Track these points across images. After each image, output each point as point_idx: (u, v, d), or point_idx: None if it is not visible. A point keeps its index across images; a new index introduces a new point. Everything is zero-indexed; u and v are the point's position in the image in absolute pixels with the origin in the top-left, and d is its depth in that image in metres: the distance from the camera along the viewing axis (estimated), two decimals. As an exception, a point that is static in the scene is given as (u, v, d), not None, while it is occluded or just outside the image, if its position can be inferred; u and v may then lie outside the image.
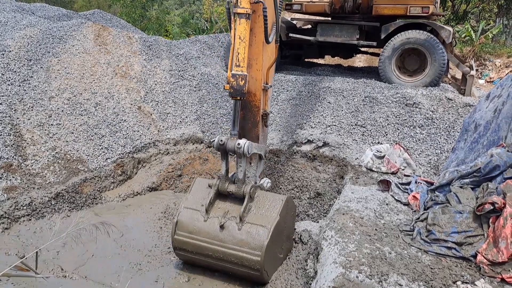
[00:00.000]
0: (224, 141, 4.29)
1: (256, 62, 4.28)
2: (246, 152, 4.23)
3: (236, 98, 4.20)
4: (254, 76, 4.33)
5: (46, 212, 5.80)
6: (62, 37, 8.68)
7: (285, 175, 7.00)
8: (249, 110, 4.50)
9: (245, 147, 4.21)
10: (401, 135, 7.26)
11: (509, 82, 5.15)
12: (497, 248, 4.00)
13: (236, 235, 4.39)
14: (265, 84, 4.49)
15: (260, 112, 4.52)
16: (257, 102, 4.45)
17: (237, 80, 4.04)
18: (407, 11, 8.85)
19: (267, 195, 4.61)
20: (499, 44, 19.90)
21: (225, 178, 4.55)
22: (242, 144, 4.21)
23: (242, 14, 3.90)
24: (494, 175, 4.66)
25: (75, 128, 7.16)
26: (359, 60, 15.86)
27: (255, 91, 4.40)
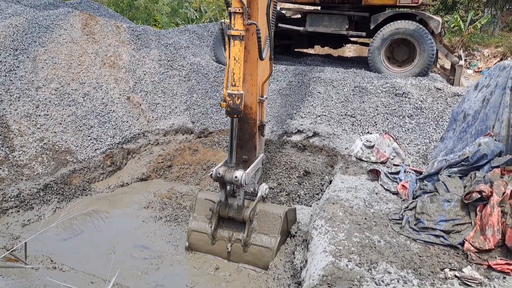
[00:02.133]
0: (222, 174, 4.47)
1: (251, 78, 4.39)
2: (244, 184, 4.41)
3: (233, 116, 4.29)
4: (250, 91, 4.45)
5: (35, 203, 5.75)
6: (49, 26, 8.54)
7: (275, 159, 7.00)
8: (246, 123, 4.62)
9: (242, 179, 4.39)
10: (391, 125, 7.31)
11: (497, 72, 5.20)
12: (484, 235, 4.06)
13: (243, 256, 4.84)
14: (260, 97, 4.60)
15: (256, 124, 4.64)
16: (254, 114, 4.58)
17: (233, 99, 4.12)
18: (397, 1, 8.86)
19: (267, 212, 4.83)
20: (487, 34, 20.03)
21: (224, 204, 4.78)
22: (239, 176, 4.39)
23: (236, 36, 3.97)
24: (482, 164, 4.72)
25: (63, 119, 7.08)
26: (349, 50, 15.86)
27: (251, 104, 4.52)
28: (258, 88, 4.49)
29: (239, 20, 3.94)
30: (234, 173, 4.42)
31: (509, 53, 16.56)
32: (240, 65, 4.06)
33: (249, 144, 4.71)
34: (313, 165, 6.74)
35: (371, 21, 9.12)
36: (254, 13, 4.09)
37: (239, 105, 4.15)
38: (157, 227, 5.62)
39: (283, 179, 6.51)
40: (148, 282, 4.58)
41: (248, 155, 4.76)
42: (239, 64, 4.04)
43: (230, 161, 4.56)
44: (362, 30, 9.50)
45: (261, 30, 4.08)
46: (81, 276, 4.42)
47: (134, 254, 5.02)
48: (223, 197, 4.75)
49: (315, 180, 6.46)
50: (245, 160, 4.78)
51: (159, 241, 5.30)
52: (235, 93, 4.09)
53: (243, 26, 3.98)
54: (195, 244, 5.02)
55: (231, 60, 4.06)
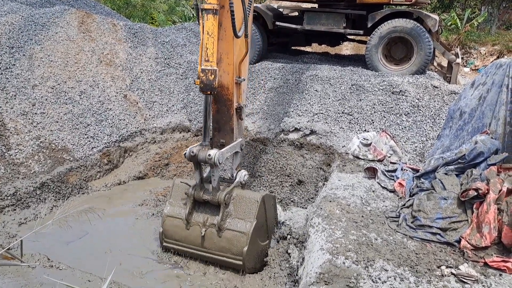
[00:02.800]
0: (196, 153, 4.37)
1: (227, 56, 4.32)
2: (217, 163, 4.31)
3: (206, 92, 4.22)
4: (226, 70, 4.37)
5: (31, 202, 5.73)
6: (45, 24, 8.50)
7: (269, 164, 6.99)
8: (223, 104, 4.53)
9: (215, 157, 4.28)
10: (388, 123, 7.32)
11: (494, 70, 5.21)
12: (480, 233, 4.07)
13: (217, 242, 4.63)
14: (237, 78, 4.51)
15: (233, 106, 4.55)
16: (230, 95, 4.49)
17: (206, 75, 4.06)
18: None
19: (243, 197, 4.69)
20: (484, 32, 20.06)
21: (199, 186, 4.66)
22: (213, 155, 4.28)
23: (209, 9, 3.93)
24: (478, 161, 4.74)
25: (59, 117, 7.06)
26: (346, 48, 15.86)
27: (227, 84, 4.43)
28: (235, 68, 4.40)
29: None
30: (207, 152, 4.31)
31: (506, 51, 16.60)
32: (214, 40, 3.98)
33: (226, 127, 4.60)
34: (308, 171, 6.69)
35: (368, 19, 9.11)
36: None
37: (213, 81, 4.08)
38: (156, 224, 5.62)
39: (275, 187, 6.49)
40: (144, 280, 4.58)
41: (225, 138, 4.66)
42: (213, 39, 3.97)
43: (204, 139, 4.48)
44: (360, 28, 9.49)
45: (235, 5, 4.00)
46: (78, 274, 4.41)
47: (132, 252, 5.01)
48: (197, 179, 4.61)
49: (309, 187, 6.47)
50: (222, 144, 4.66)
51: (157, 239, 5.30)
52: (208, 69, 4.03)
53: (216, 0, 3.92)
54: (170, 231, 4.84)
55: (204, 35, 3.98)
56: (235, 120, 4.62)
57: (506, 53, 16.44)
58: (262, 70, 9.31)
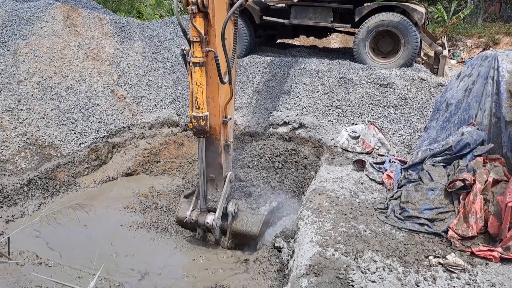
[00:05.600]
0: (195, 219, 4.94)
1: (213, 100, 4.57)
2: (215, 227, 4.87)
3: (199, 136, 4.53)
4: (213, 112, 4.60)
5: (19, 199, 5.66)
6: (29, 19, 8.36)
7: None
8: (211, 143, 4.80)
9: (213, 224, 4.85)
10: (376, 116, 7.36)
11: (479, 62, 5.26)
12: (467, 223, 4.14)
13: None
14: (224, 118, 4.78)
15: (221, 144, 4.82)
16: (218, 135, 4.76)
17: (198, 121, 4.36)
18: None
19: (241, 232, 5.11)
20: (470, 24, 20.23)
21: (203, 236, 5.23)
22: (210, 222, 4.84)
23: (196, 63, 4.15)
24: (465, 152, 4.80)
25: (46, 113, 6.97)
26: (334, 41, 15.90)
27: (214, 125, 4.69)
28: (221, 110, 4.67)
29: (197, 48, 4.11)
30: (206, 219, 4.88)
31: (492, 43, 16.79)
32: (203, 89, 4.25)
33: (215, 163, 4.91)
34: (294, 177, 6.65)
35: (355, 13, 9.13)
36: (212, 39, 4.22)
37: (204, 126, 4.39)
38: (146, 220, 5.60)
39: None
40: (134, 275, 4.58)
41: (215, 173, 4.96)
42: (201, 89, 4.24)
43: (203, 204, 4.95)
44: (347, 22, 9.50)
45: (220, 58, 4.23)
46: (67, 271, 4.38)
47: (120, 249, 5.00)
48: (201, 232, 5.17)
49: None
50: (212, 179, 4.99)
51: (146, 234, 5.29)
52: (199, 115, 4.32)
53: (202, 53, 4.15)
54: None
55: (193, 85, 4.26)
56: (223, 156, 4.89)
57: (492, 45, 16.63)
58: (250, 64, 9.29)
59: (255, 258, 4.87)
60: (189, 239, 5.29)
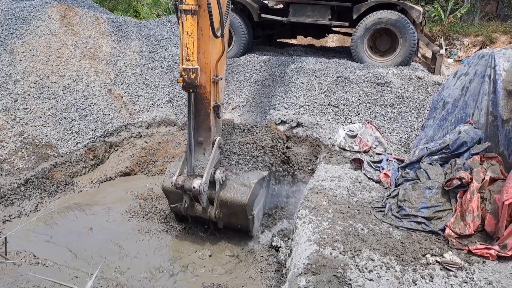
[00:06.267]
0: (181, 184, 4.64)
1: (204, 56, 4.40)
2: (202, 192, 4.57)
3: (188, 90, 4.34)
4: (203, 69, 4.44)
5: (16, 199, 5.65)
6: (26, 18, 8.34)
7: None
8: (200, 103, 4.60)
9: (200, 188, 4.54)
10: (373, 114, 7.37)
11: (476, 60, 5.27)
12: (464, 221, 4.14)
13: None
14: (214, 77, 4.59)
15: (211, 104, 4.62)
16: (207, 94, 4.57)
17: (188, 74, 4.19)
18: None
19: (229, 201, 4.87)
20: (467, 23, 20.26)
21: (190, 204, 4.90)
22: (197, 186, 4.53)
23: (187, 10, 4.02)
24: (462, 151, 4.81)
25: (43, 113, 6.95)
26: (332, 40, 15.90)
27: (204, 83, 4.51)
28: (212, 67, 4.49)
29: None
30: (192, 183, 4.57)
31: (489, 42, 16.80)
32: (194, 40, 4.10)
33: (204, 126, 4.69)
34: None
35: (353, 11, 9.14)
36: None
37: (194, 80, 4.21)
38: (140, 222, 5.59)
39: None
40: (133, 275, 4.57)
41: (203, 136, 4.75)
42: (193, 39, 4.10)
43: (189, 169, 4.71)
44: (345, 20, 9.52)
45: (212, 6, 4.09)
46: (65, 271, 4.37)
47: (117, 249, 4.99)
48: (188, 200, 4.87)
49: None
50: (200, 142, 4.76)
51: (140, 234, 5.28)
52: (190, 68, 4.15)
53: (194, 1, 4.02)
54: (184, 220, 5.43)
55: (184, 35, 4.11)
56: (212, 118, 4.69)
57: (489, 44, 16.65)
58: (248, 63, 9.28)
59: (253, 258, 4.87)
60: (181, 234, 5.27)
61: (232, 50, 9.96)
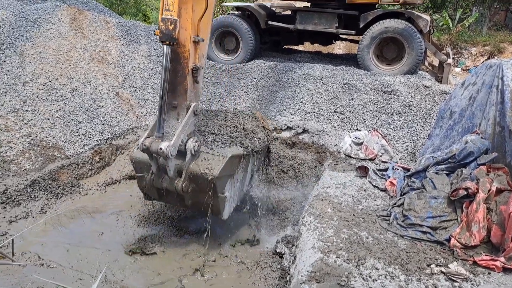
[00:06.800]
0: (148, 146, 4.30)
1: (186, 12, 4.22)
2: (169, 155, 4.23)
3: (165, 43, 4.13)
4: (184, 26, 4.25)
5: (22, 200, 5.68)
6: (36, 21, 8.43)
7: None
8: (177, 63, 4.38)
9: (167, 151, 4.19)
10: (379, 122, 7.37)
11: (484, 70, 5.26)
12: (470, 232, 4.12)
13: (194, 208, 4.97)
14: (196, 36, 4.38)
15: (189, 65, 4.37)
16: (186, 53, 4.34)
17: (166, 24, 4.02)
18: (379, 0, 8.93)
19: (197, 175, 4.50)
20: (475, 33, 20.24)
21: (157, 175, 4.57)
22: (164, 148, 4.19)
23: None
24: (468, 161, 4.79)
25: (51, 114, 7.01)
26: (339, 47, 15.93)
27: (184, 41, 4.31)
28: (194, 25, 4.31)
29: None
30: (160, 145, 4.22)
31: (497, 51, 16.78)
32: None
33: (180, 88, 4.42)
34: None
35: (360, 19, 9.17)
36: None
37: (172, 32, 4.03)
38: (147, 226, 5.61)
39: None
40: (136, 278, 4.58)
41: (178, 100, 4.47)
42: None
43: (158, 130, 4.37)
44: (352, 28, 9.54)
45: None
46: (69, 273, 4.39)
47: (122, 251, 5.01)
48: (154, 169, 4.51)
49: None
50: (174, 106, 4.48)
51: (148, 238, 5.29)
52: (168, 18, 3.99)
53: None
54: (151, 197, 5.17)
55: None
56: (189, 80, 4.43)
57: (497, 53, 16.62)
58: (255, 69, 9.32)
59: (257, 264, 4.86)
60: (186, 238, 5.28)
61: (239, 56, 10.01)
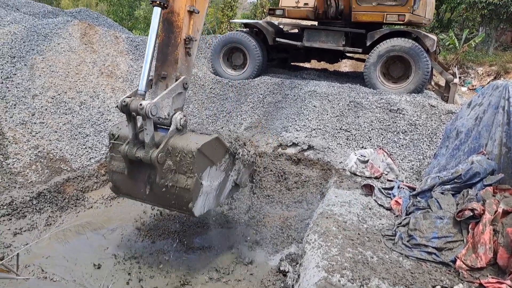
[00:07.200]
0: (128, 102, 4.01)
1: None
2: (149, 114, 3.90)
3: (155, 3, 4.07)
4: None
5: (27, 212, 5.71)
6: (48, 35, 8.57)
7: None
8: (170, 31, 4.30)
9: (147, 108, 3.86)
10: (385, 140, 7.36)
11: (490, 91, 5.27)
12: (476, 253, 4.08)
13: (165, 199, 4.31)
14: (191, 6, 4.35)
15: (182, 34, 4.28)
16: (180, 22, 4.28)
17: None
18: (384, 19, 8.99)
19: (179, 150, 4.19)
20: (481, 52, 20.30)
21: (133, 142, 4.23)
22: (145, 105, 3.88)
23: None
24: (474, 182, 4.77)
25: (58, 127, 7.08)
26: (345, 65, 16.02)
27: (178, 10, 4.28)
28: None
29: None
30: (140, 101, 3.95)
31: (503, 71, 16.79)
32: None
33: (171, 58, 4.30)
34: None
35: (367, 38, 9.24)
36: None
37: None
38: (150, 236, 5.60)
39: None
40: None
41: (168, 70, 4.31)
42: None
43: (140, 87, 4.16)
44: (359, 46, 9.61)
45: None
46: (72, 286, 4.38)
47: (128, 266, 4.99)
48: (130, 134, 4.19)
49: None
50: (164, 77, 4.33)
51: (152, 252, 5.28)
52: None
53: None
54: (117, 185, 4.62)
55: None
56: (181, 50, 4.33)
57: (503, 73, 16.64)
58: (262, 85, 9.38)
59: (260, 282, 4.83)
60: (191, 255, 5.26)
61: (246, 72, 10.10)
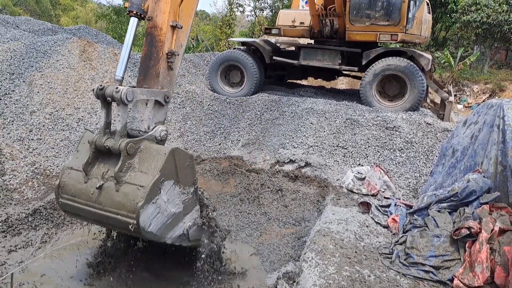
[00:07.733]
0: (104, 86, 3.87)
1: None
2: (125, 99, 3.78)
3: (131, 12, 4.11)
4: (162, 9, 4.27)
5: (23, 228, 5.67)
6: (47, 52, 8.64)
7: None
8: (152, 45, 4.33)
9: (123, 92, 3.74)
10: (382, 158, 7.39)
11: (485, 110, 5.33)
12: (473, 272, 4.07)
13: (113, 197, 3.92)
14: (174, 21, 4.38)
15: (164, 49, 4.29)
16: (162, 36, 4.31)
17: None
18: (377, 38, 9.12)
19: (150, 148, 4.08)
20: (476, 70, 20.54)
21: (103, 131, 4.06)
22: (121, 89, 3.77)
23: None
24: (471, 200, 4.78)
25: (56, 144, 7.08)
26: (342, 82, 16.16)
27: (161, 24, 4.31)
28: (173, 10, 4.31)
29: None
30: (116, 86, 3.85)
31: (498, 89, 16.98)
32: None
33: (152, 72, 4.29)
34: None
35: (363, 57, 9.35)
36: None
37: (142, 2, 4.04)
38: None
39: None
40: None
41: (149, 83, 4.30)
42: None
43: (119, 72, 4.10)
44: (355, 65, 9.73)
45: None
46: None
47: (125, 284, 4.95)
48: (102, 121, 4.05)
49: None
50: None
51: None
52: None
53: None
54: (67, 184, 4.19)
55: None
56: (162, 64, 4.32)
57: (498, 91, 16.82)
58: (259, 102, 9.44)
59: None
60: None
61: (244, 89, 10.18)
